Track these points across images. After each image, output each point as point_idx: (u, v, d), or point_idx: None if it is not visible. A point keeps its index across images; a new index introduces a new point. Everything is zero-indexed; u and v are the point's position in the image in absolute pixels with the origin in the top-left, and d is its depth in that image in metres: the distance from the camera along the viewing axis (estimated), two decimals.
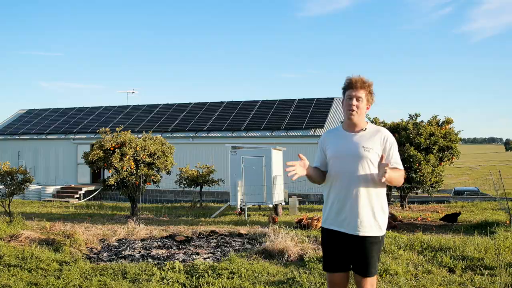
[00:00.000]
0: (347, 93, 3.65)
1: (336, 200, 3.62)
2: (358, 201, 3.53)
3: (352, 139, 3.66)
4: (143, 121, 28.71)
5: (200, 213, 15.53)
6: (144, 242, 9.10)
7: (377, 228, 3.58)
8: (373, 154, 3.57)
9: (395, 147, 3.67)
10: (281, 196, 15.70)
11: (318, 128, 24.37)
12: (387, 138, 3.65)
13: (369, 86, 3.64)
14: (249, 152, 15.48)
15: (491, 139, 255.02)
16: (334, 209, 3.62)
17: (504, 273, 6.01)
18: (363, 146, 3.58)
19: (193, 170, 18.42)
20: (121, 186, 14.04)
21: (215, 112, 28.39)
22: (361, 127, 3.69)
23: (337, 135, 3.78)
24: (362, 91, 3.60)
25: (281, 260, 7.32)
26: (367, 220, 3.54)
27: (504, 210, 13.17)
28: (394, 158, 3.65)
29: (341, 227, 3.58)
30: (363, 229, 3.54)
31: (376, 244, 3.58)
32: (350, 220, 3.54)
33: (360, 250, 3.55)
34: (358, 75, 3.65)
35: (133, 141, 14.05)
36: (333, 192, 3.65)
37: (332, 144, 3.75)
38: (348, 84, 3.65)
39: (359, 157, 3.57)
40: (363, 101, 3.62)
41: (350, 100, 3.61)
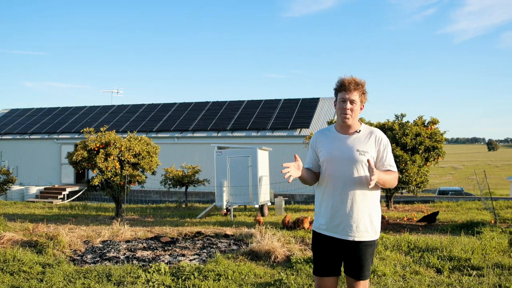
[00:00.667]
0: (339, 95, 3.55)
1: (330, 204, 3.53)
2: (354, 206, 3.46)
3: (346, 142, 3.57)
4: (127, 121, 28.52)
5: (185, 214, 15.42)
6: (129, 244, 8.99)
7: (373, 233, 3.53)
8: (367, 157, 3.48)
9: (389, 149, 3.61)
10: (267, 197, 15.64)
11: (303, 128, 24.40)
12: (381, 140, 3.59)
13: (362, 86, 3.54)
14: (235, 152, 15.39)
15: (474, 139, 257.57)
16: (328, 213, 3.53)
17: (491, 273, 6.01)
18: (358, 150, 3.50)
19: (178, 171, 18.30)
20: (105, 187, 13.89)
21: (201, 112, 28.29)
22: (355, 129, 3.60)
23: (330, 137, 3.67)
24: (356, 93, 3.50)
25: (268, 261, 7.26)
26: (363, 224, 3.48)
27: (489, 210, 13.23)
28: (387, 160, 3.58)
29: (336, 233, 3.51)
30: (359, 234, 3.48)
31: (370, 247, 3.54)
32: (346, 225, 3.47)
33: (354, 254, 3.49)
34: (350, 75, 3.55)
35: (118, 141, 13.90)
36: (327, 196, 3.56)
37: (325, 147, 3.64)
38: (341, 86, 3.54)
39: (354, 160, 3.49)
40: (357, 104, 3.53)
41: (344, 103, 3.52)
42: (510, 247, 7.74)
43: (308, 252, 7.83)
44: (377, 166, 3.55)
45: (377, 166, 3.54)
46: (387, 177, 3.48)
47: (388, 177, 3.49)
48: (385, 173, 3.49)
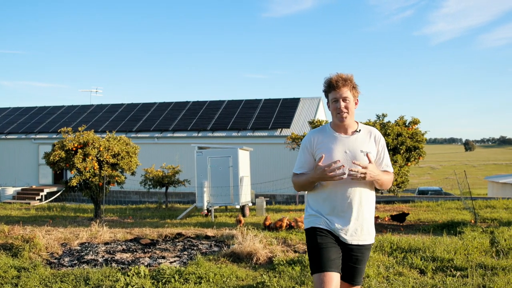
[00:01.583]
0: (330, 96, 3.43)
1: (337, 208, 3.38)
2: (360, 209, 3.37)
3: (348, 142, 3.42)
4: (106, 120, 28.20)
5: (165, 215, 15.25)
6: (108, 246, 8.80)
7: (373, 233, 3.50)
8: (372, 158, 3.38)
9: (386, 149, 3.53)
10: (248, 197, 15.54)
11: (284, 128, 24.38)
12: (380, 140, 3.50)
13: (351, 81, 3.42)
14: (215, 152, 15.26)
15: (451, 140, 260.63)
16: (332, 219, 3.39)
17: (475, 274, 5.98)
18: (362, 150, 3.38)
19: (158, 171, 18.10)
20: (84, 188, 13.66)
21: (181, 112, 28.09)
22: (354, 128, 3.47)
23: (329, 137, 3.47)
24: (346, 89, 3.38)
25: (250, 263, 7.17)
26: (367, 228, 3.42)
27: (469, 210, 13.31)
28: (385, 160, 3.51)
29: (339, 236, 3.40)
30: (363, 237, 3.41)
31: (368, 250, 3.49)
32: (353, 229, 3.37)
33: (355, 258, 3.42)
34: (335, 73, 3.44)
35: (96, 141, 13.67)
36: (331, 200, 3.39)
37: (325, 147, 3.42)
38: (329, 86, 3.43)
39: (359, 161, 3.32)
40: (351, 100, 3.40)
41: (337, 103, 3.39)
42: (491, 247, 7.74)
43: (291, 253, 7.74)
44: (376, 166, 3.44)
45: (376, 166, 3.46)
46: (386, 177, 3.42)
47: (386, 178, 3.42)
48: (384, 174, 3.43)
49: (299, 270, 6.49)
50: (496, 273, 6.04)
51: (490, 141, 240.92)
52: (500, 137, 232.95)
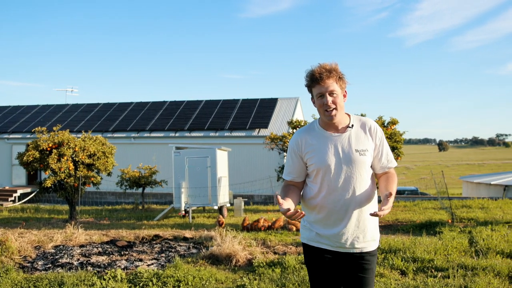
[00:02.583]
0: (314, 90, 2.99)
1: (332, 216, 3.01)
2: (360, 215, 3.00)
3: (341, 142, 3.02)
4: (82, 120, 27.78)
5: (142, 216, 15.04)
6: (83, 249, 8.60)
7: (378, 237, 3.14)
8: (368, 157, 3.02)
9: (384, 140, 3.13)
10: (226, 198, 15.43)
11: (262, 129, 24.32)
12: (376, 131, 3.08)
13: (336, 71, 2.97)
14: (193, 153, 15.10)
15: (425, 140, 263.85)
16: (330, 227, 3.03)
17: (456, 274, 5.96)
18: (357, 150, 2.99)
19: (135, 171, 17.86)
20: (58, 189, 13.39)
21: (158, 111, 27.83)
22: (345, 123, 3.05)
23: (319, 138, 3.06)
24: (331, 81, 2.94)
25: (229, 265, 7.05)
26: (370, 233, 3.05)
27: (446, 210, 13.40)
28: (384, 154, 3.11)
29: (339, 247, 3.04)
30: (366, 244, 3.04)
31: (374, 257, 3.10)
32: (353, 237, 3.01)
33: (361, 268, 3.04)
34: (318, 64, 2.99)
35: (72, 141, 13.41)
36: (326, 208, 3.02)
37: (315, 150, 3.04)
38: (312, 79, 2.98)
39: (355, 163, 2.98)
40: (338, 93, 2.97)
41: (323, 98, 2.95)
42: (470, 247, 7.77)
43: (270, 255, 7.65)
44: (375, 164, 3.10)
45: (374, 164, 3.10)
46: (394, 185, 3.05)
47: (395, 185, 3.05)
48: (392, 182, 3.05)
49: (279, 272, 6.40)
50: (476, 273, 6.03)
51: (463, 141, 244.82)
52: (472, 138, 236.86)
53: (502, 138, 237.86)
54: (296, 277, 6.04)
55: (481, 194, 22.70)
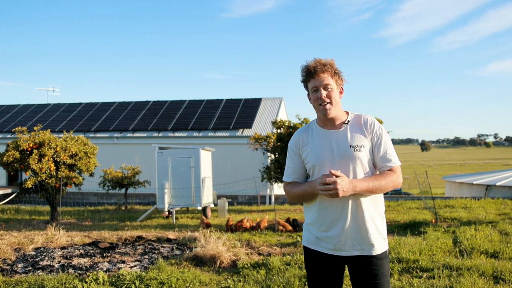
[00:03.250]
0: (309, 85, 2.96)
1: (329, 217, 2.90)
2: (358, 214, 2.86)
3: (336, 138, 2.94)
4: (64, 120, 27.45)
5: (125, 217, 14.87)
6: (65, 250, 8.45)
7: (383, 241, 2.95)
8: (364, 153, 2.90)
9: (385, 136, 2.97)
10: (210, 198, 15.32)
11: (246, 129, 24.27)
12: (373, 125, 2.96)
13: (331, 66, 2.93)
14: (177, 153, 14.98)
15: (408, 140, 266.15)
16: (326, 228, 2.92)
17: (441, 275, 5.95)
18: (352, 145, 2.89)
19: (117, 172, 17.66)
20: (39, 189, 13.17)
21: (141, 111, 27.62)
22: (341, 120, 2.98)
23: (315, 135, 3.01)
24: (326, 75, 2.90)
25: (213, 267, 6.98)
26: (371, 236, 2.87)
27: (429, 210, 13.45)
28: (382, 150, 2.94)
29: (338, 250, 2.91)
30: (368, 247, 2.87)
31: (385, 259, 2.93)
32: (352, 240, 2.87)
33: (369, 274, 2.86)
34: (313, 59, 2.95)
35: (53, 141, 13.21)
36: (323, 207, 2.92)
37: (311, 148, 2.98)
38: (307, 73, 2.95)
39: (350, 160, 2.87)
40: (333, 88, 2.92)
41: (317, 92, 2.92)
42: (455, 247, 7.78)
43: (255, 256, 7.59)
44: (375, 162, 2.96)
45: (375, 162, 2.96)
46: (378, 183, 2.84)
47: (379, 183, 2.84)
48: (375, 179, 2.85)
49: (264, 274, 6.34)
50: (461, 273, 6.03)
51: (445, 141, 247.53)
52: (454, 138, 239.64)
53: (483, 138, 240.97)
54: (281, 278, 5.98)
55: (463, 194, 22.86)
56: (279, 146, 12.94)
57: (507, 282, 5.76)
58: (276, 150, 13.23)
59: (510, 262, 6.76)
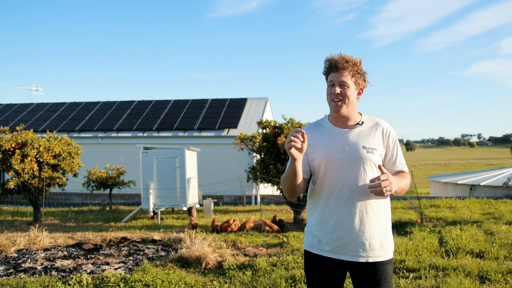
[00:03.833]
0: (328, 78, 2.86)
1: (334, 219, 2.79)
2: (365, 218, 2.75)
3: (348, 137, 2.84)
4: (47, 120, 27.16)
5: (109, 217, 14.72)
6: (48, 252, 8.32)
7: (389, 247, 2.84)
8: (377, 156, 2.80)
9: (398, 144, 2.93)
10: (195, 198, 15.24)
11: (231, 129, 24.21)
12: (389, 133, 2.89)
13: (355, 65, 2.82)
14: (162, 153, 14.87)
15: None
16: (331, 230, 2.80)
17: (428, 275, 5.94)
18: (365, 147, 2.79)
19: (102, 172, 17.49)
20: (22, 190, 12.98)
21: (125, 111, 27.43)
22: (355, 120, 2.89)
23: (326, 132, 2.90)
24: (346, 73, 2.79)
25: (198, 268, 6.91)
26: (378, 241, 2.77)
27: (415, 209, 13.48)
28: (398, 158, 2.90)
29: (343, 254, 2.79)
30: (373, 253, 2.75)
31: (387, 266, 2.80)
32: (356, 243, 2.75)
33: (372, 280, 2.76)
34: (339, 53, 2.83)
35: (36, 141, 13.02)
36: (328, 209, 2.82)
37: (321, 144, 2.86)
38: (328, 67, 2.85)
39: (361, 161, 2.76)
40: (350, 87, 2.81)
41: (333, 87, 2.81)
42: (440, 247, 7.79)
43: (241, 257, 7.53)
44: (387, 166, 2.88)
45: (386, 167, 2.87)
46: (403, 182, 2.80)
47: (404, 182, 2.80)
48: (400, 178, 2.81)
49: (250, 275, 6.29)
50: (447, 273, 6.03)
51: (430, 141, 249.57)
52: (438, 138, 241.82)
53: (467, 139, 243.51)
54: (267, 280, 5.93)
55: (448, 194, 23.02)
56: (265, 146, 12.87)
57: (493, 282, 5.77)
58: (262, 150, 13.16)
59: (495, 261, 6.80)
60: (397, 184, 2.69)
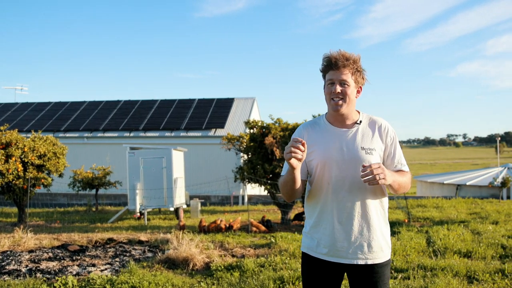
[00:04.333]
0: (327, 76, 2.77)
1: (332, 221, 2.74)
2: (364, 220, 2.71)
3: (346, 137, 2.76)
4: (32, 119, 26.87)
5: (96, 218, 14.59)
6: (33, 254, 8.21)
7: (388, 248, 2.80)
8: (375, 157, 2.72)
9: (397, 142, 2.85)
10: (182, 199, 15.15)
11: (218, 129, 24.13)
12: (388, 131, 2.81)
13: (355, 62, 2.73)
14: (148, 153, 14.76)
15: None
16: (330, 233, 2.74)
17: (416, 275, 5.94)
18: (364, 147, 2.72)
19: (88, 172, 17.35)
20: (6, 191, 12.81)
21: (112, 111, 27.22)
22: (353, 119, 2.81)
23: (323, 132, 2.83)
24: (346, 71, 2.70)
25: (186, 269, 6.85)
26: (377, 242, 2.72)
27: (402, 209, 13.53)
28: (397, 156, 2.81)
29: (341, 257, 2.74)
30: (372, 255, 2.71)
31: (385, 268, 2.77)
32: (355, 246, 2.71)
33: (368, 281, 2.72)
34: (338, 50, 2.74)
35: (21, 141, 12.86)
36: (326, 210, 2.76)
37: (318, 144, 2.79)
38: (327, 64, 2.75)
39: (359, 162, 2.68)
40: (350, 85, 2.73)
41: (332, 85, 2.72)
42: (428, 247, 7.80)
43: (229, 258, 7.48)
44: (386, 165, 2.79)
45: (385, 165, 2.78)
46: (401, 178, 2.73)
47: (402, 179, 2.73)
48: (398, 174, 2.73)
49: (238, 276, 6.24)
50: (435, 274, 6.03)
51: (416, 141, 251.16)
52: (424, 138, 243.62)
53: (452, 139, 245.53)
54: (255, 281, 5.89)
55: (435, 194, 23.15)
56: (252, 146, 12.82)
57: (481, 281, 5.78)
58: (249, 150, 13.11)
59: (483, 261, 6.82)
60: (392, 176, 2.62)
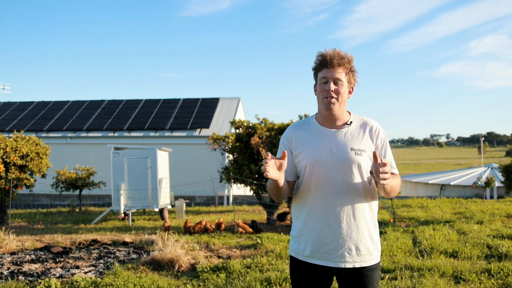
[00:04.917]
0: (320, 75, 2.71)
1: (320, 223, 2.67)
2: (352, 223, 2.64)
3: (336, 138, 2.70)
4: (14, 119, 26.55)
5: (79, 219, 14.42)
6: (15, 256, 8.06)
7: (376, 251, 2.72)
8: (365, 158, 2.66)
9: (387, 144, 2.80)
10: (167, 199, 15.04)
11: (204, 128, 24.05)
12: (378, 132, 2.75)
13: (349, 62, 2.70)
14: (133, 153, 14.62)
15: None
16: (318, 236, 2.67)
17: (403, 276, 5.92)
18: (353, 148, 2.65)
19: (71, 173, 17.15)
20: None
21: (95, 111, 26.99)
22: (344, 120, 2.75)
23: (313, 132, 2.76)
24: (341, 70, 2.66)
25: (171, 271, 6.77)
26: (365, 245, 2.65)
27: (387, 209, 13.56)
28: (387, 158, 2.74)
29: (329, 260, 2.67)
30: (360, 258, 2.64)
31: (374, 271, 2.70)
32: (343, 249, 2.64)
33: (358, 285, 2.66)
34: (333, 48, 2.71)
35: (2, 141, 12.66)
36: (314, 212, 2.69)
37: (307, 145, 2.72)
38: (321, 62, 2.70)
39: (349, 163, 2.63)
40: (344, 85, 2.68)
41: (326, 84, 2.67)
42: (414, 247, 7.80)
43: (214, 259, 7.42)
44: None
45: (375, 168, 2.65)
46: (394, 181, 2.64)
47: (395, 182, 2.65)
48: (391, 177, 2.61)
49: (224, 278, 6.18)
50: (422, 274, 6.03)
51: (400, 141, 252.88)
52: (408, 138, 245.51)
53: (436, 139, 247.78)
54: (241, 282, 5.83)
55: (419, 193, 23.27)
56: (238, 146, 12.77)
57: (467, 281, 5.78)
58: (235, 151, 13.05)
59: (469, 261, 6.83)
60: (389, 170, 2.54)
